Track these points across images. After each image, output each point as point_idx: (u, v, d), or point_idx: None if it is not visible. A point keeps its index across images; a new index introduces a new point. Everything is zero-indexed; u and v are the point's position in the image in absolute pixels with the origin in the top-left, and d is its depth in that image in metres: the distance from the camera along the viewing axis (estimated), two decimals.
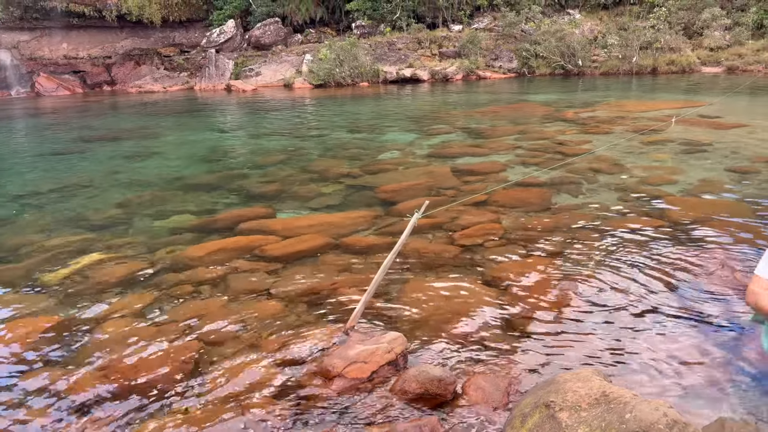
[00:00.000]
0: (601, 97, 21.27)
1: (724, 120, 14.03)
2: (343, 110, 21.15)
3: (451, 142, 13.05)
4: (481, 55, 33.11)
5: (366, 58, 32.02)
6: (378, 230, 7.12)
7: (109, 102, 28.37)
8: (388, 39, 34.61)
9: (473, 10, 36.43)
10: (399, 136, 14.41)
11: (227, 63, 33.95)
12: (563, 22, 33.75)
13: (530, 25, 33.83)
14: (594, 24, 35.01)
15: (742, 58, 29.67)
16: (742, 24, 31.87)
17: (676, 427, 2.21)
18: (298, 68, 33.07)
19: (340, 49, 31.46)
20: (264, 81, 32.85)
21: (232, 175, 10.60)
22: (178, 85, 33.99)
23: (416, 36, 34.72)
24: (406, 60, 33.24)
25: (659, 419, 2.23)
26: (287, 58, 34.32)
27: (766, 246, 5.96)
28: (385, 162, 11.18)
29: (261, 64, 34.17)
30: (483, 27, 35.24)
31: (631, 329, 4.50)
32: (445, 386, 3.61)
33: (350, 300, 5.10)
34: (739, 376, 3.83)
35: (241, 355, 4.31)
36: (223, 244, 6.74)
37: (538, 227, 6.96)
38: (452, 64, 32.61)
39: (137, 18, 35.68)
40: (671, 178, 8.98)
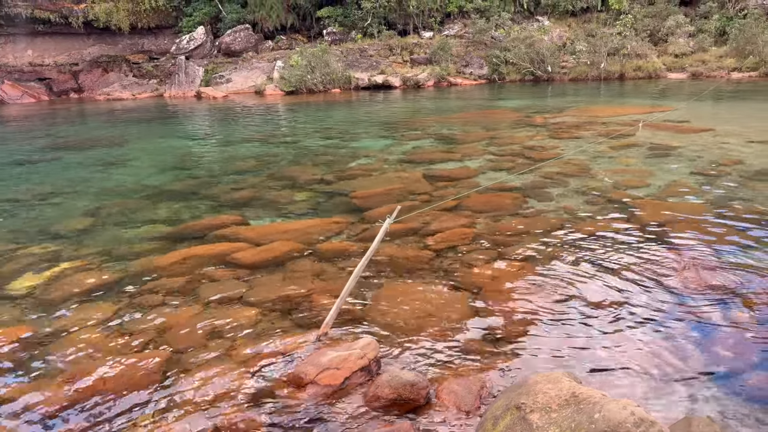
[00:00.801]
0: (570, 102, 21.57)
1: (689, 124, 14.32)
2: (315, 117, 21.11)
3: (423, 148, 13.10)
4: (451, 61, 33.37)
5: (337, 64, 32.05)
6: (351, 236, 7.11)
7: (76, 109, 27.92)
8: (359, 46, 34.70)
9: (443, 17, 36.73)
10: (372, 143, 14.43)
11: (197, 70, 33.68)
12: (532, 29, 34.20)
13: (500, 31, 34.21)
14: (562, 30, 35.55)
15: (706, 64, 30.39)
16: (705, 31, 32.65)
17: (643, 425, 2.24)
18: (269, 75, 32.95)
19: (312, 56, 31.44)
20: (235, 88, 32.65)
21: (203, 183, 10.49)
22: (148, 92, 33.63)
23: (387, 43, 34.87)
24: (377, 66, 33.34)
25: (627, 418, 2.26)
26: (258, 64, 34.18)
27: (731, 247, 6.11)
28: (358, 168, 11.18)
29: (231, 70, 33.98)
30: (453, 34, 35.55)
31: (601, 330, 4.56)
32: (418, 391, 3.61)
33: (323, 306, 5.08)
34: (705, 374, 3.90)
35: (212, 364, 4.26)
36: (194, 252, 6.66)
37: (509, 231, 7.01)
38: (423, 71, 32.80)
39: (104, 24, 35.25)
40: (639, 181, 9.13)
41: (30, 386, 4.04)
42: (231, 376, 4.07)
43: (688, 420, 2.82)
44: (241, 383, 3.99)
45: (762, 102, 19.51)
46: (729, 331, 4.44)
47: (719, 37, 32.27)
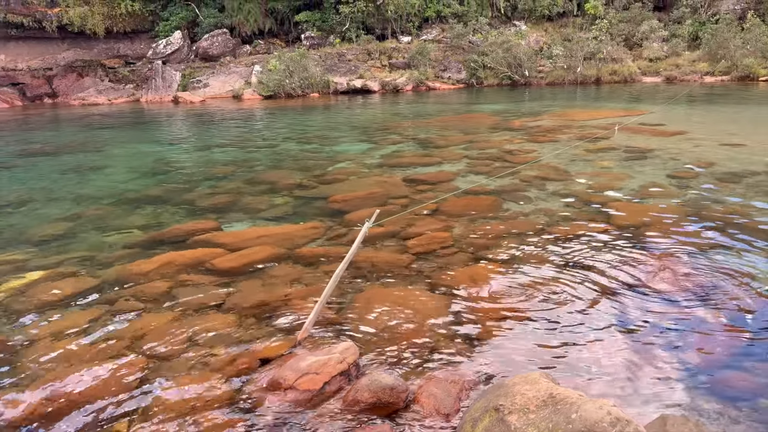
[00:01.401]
0: (548, 106, 21.77)
1: (664, 128, 14.53)
2: (294, 121, 21.05)
3: (402, 152, 13.13)
4: (430, 66, 33.52)
5: (316, 69, 32.01)
6: (330, 240, 7.10)
7: (50, 115, 27.52)
8: (337, 50, 34.70)
9: (422, 22, 36.89)
10: (350, 147, 14.42)
11: (174, 74, 33.41)
12: (510, 34, 34.50)
13: (477, 36, 34.44)
14: (539, 35, 35.91)
15: (680, 68, 30.89)
16: (678, 36, 33.20)
17: (619, 424, 2.26)
18: (247, 79, 32.80)
19: (290, 60, 31.37)
20: (212, 92, 32.45)
21: (180, 188, 10.40)
22: (124, 97, 33.27)
23: (366, 47, 34.92)
24: (356, 71, 33.37)
25: (603, 417, 2.28)
26: (236, 69, 34.01)
27: (705, 248, 6.20)
28: (337, 172, 11.17)
29: (209, 75, 33.76)
30: (432, 38, 35.71)
31: (579, 331, 4.60)
32: (397, 394, 3.61)
33: (302, 311, 5.05)
34: (681, 373, 3.95)
35: (190, 371, 4.21)
36: (171, 258, 6.59)
37: (487, 234, 7.05)
38: (402, 75, 32.89)
39: (79, 29, 34.81)
40: (616, 184, 9.23)
41: (2, 395, 3.96)
42: (209, 383, 4.03)
43: (663, 418, 2.85)
44: (219, 390, 3.95)
45: (734, 105, 19.87)
46: (703, 331, 4.50)
47: (692, 42, 32.85)
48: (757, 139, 12.50)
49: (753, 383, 3.79)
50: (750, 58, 28.53)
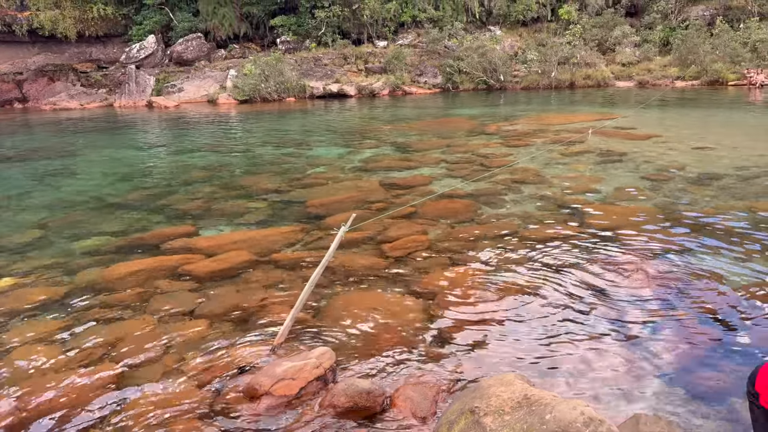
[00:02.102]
0: (523, 110, 21.97)
1: (637, 131, 14.75)
2: (270, 125, 20.96)
3: (379, 156, 13.14)
4: (406, 70, 33.63)
5: (292, 73, 31.93)
6: (306, 245, 7.07)
7: (20, 120, 27.05)
8: (314, 54, 34.66)
9: (397, 27, 37.01)
10: (327, 151, 14.40)
11: (148, 79, 33.08)
12: (485, 39, 34.76)
13: (453, 41, 34.65)
14: (514, 40, 36.25)
15: (651, 72, 31.41)
16: (650, 41, 33.77)
17: (592, 424, 2.29)
18: (222, 84, 32.60)
19: (266, 65, 31.25)
20: (187, 97, 32.18)
21: (154, 194, 10.29)
22: (97, 102, 32.83)
23: (342, 52, 34.93)
24: (332, 75, 33.35)
25: (577, 418, 2.31)
26: (211, 73, 33.78)
27: (677, 249, 6.31)
28: (314, 177, 11.14)
29: (184, 79, 33.49)
30: (407, 43, 35.85)
31: (554, 332, 4.64)
32: (373, 398, 3.60)
33: (278, 317, 5.03)
34: (654, 373, 4.01)
35: (165, 378, 4.17)
36: (146, 264, 6.51)
37: (464, 238, 7.09)
38: (378, 80, 32.96)
39: (50, 33, 34.31)
40: (590, 186, 9.35)
41: None
42: (184, 390, 3.99)
43: (636, 417, 2.89)
44: (195, 397, 3.91)
45: (704, 109, 20.25)
46: (675, 331, 4.58)
47: (663, 47, 33.43)
48: (726, 143, 12.75)
49: (723, 382, 3.85)
50: (719, 63, 29.10)
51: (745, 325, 4.66)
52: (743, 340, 4.41)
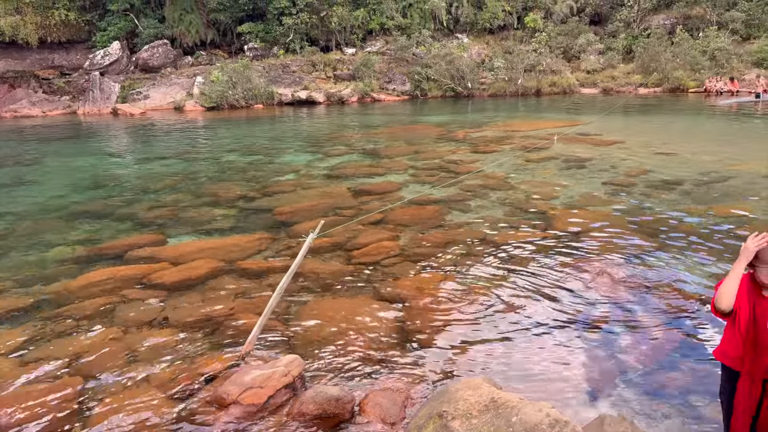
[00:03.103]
0: (490, 117, 22.19)
1: (601, 137, 15.01)
2: (238, 133, 20.80)
3: (348, 163, 13.14)
4: (375, 77, 33.71)
5: (260, 80, 31.75)
6: (275, 252, 7.03)
7: None
8: (282, 61, 34.51)
9: (366, 34, 37.08)
10: (296, 158, 14.34)
11: (113, 86, 32.55)
12: (452, 46, 35.03)
13: (421, 48, 34.85)
14: (481, 48, 36.62)
15: (615, 80, 32.03)
16: (613, 49, 34.44)
17: (558, 425, 2.32)
18: (189, 91, 32.24)
19: (233, 71, 31.02)
20: (153, 104, 31.75)
21: (120, 202, 10.12)
22: (60, 110, 32.16)
23: (310, 59, 34.86)
24: (300, 82, 33.26)
25: (542, 420, 2.34)
26: (177, 80, 33.39)
27: (640, 252, 6.43)
28: (282, 184, 11.09)
29: (149, 86, 33.03)
30: (376, 50, 35.94)
31: (521, 336, 4.69)
32: (342, 405, 3.59)
33: (246, 325, 4.98)
34: (619, 375, 4.08)
35: (130, 389, 4.10)
36: (110, 274, 6.40)
37: (432, 243, 7.12)
38: (347, 87, 32.97)
39: (11, 39, 33.53)
40: (555, 192, 9.48)
41: None
42: (151, 401, 3.93)
43: (601, 418, 2.94)
44: (162, 407, 3.85)
45: (666, 115, 20.71)
46: (638, 333, 4.67)
47: (626, 55, 34.12)
48: (687, 148, 13.05)
49: (684, 381, 3.94)
50: (680, 71, 29.81)
51: (705, 325, 4.77)
52: (703, 341, 4.52)
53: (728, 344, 2.69)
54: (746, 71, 29.07)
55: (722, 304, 2.49)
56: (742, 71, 29.03)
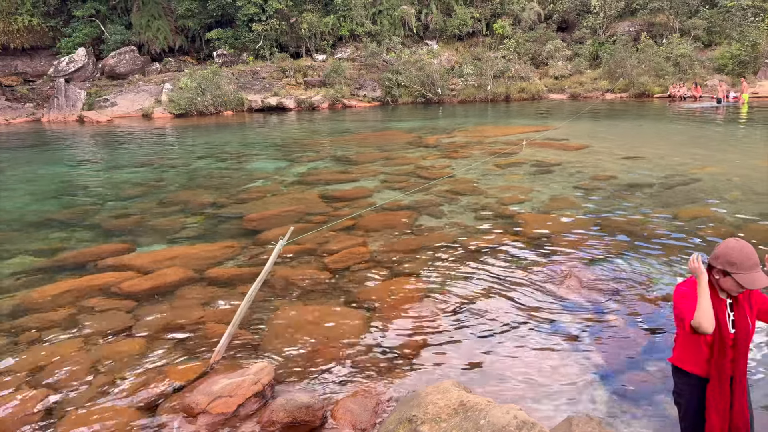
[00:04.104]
0: (460, 123, 22.35)
1: (569, 142, 15.22)
2: (207, 139, 20.61)
3: (319, 169, 13.11)
4: (345, 84, 33.74)
5: (229, 86, 31.55)
6: (244, 260, 6.97)
7: None
8: (251, 68, 34.34)
9: (336, 40, 37.11)
10: (266, 165, 14.26)
11: (79, 93, 32.02)
12: (422, 53, 35.26)
13: (391, 55, 35.00)
14: (451, 54, 36.90)
15: (583, 85, 32.53)
16: (580, 55, 35.01)
17: (525, 427, 2.34)
18: (157, 98, 31.88)
19: (202, 78, 30.77)
20: (120, 111, 31.32)
21: (85, 211, 9.94)
22: (23, 117, 31.52)
23: (280, 65, 34.75)
24: (270, 88, 33.12)
25: (510, 422, 2.36)
26: (145, 87, 32.99)
27: (607, 255, 6.53)
28: (252, 190, 11.01)
29: (117, 93, 32.58)
30: (346, 57, 35.98)
31: (491, 339, 4.72)
32: (313, 412, 3.57)
33: (215, 333, 4.92)
34: (587, 376, 4.13)
35: (97, 400, 4.02)
36: (76, 284, 6.28)
37: (403, 249, 7.13)
38: (318, 93, 32.94)
39: None
40: (524, 196, 9.58)
41: None
42: (118, 412, 3.86)
43: (569, 420, 2.97)
44: (129, 419, 3.79)
45: (632, 120, 21.09)
46: (606, 335, 4.73)
47: (593, 61, 34.71)
48: (653, 152, 13.30)
49: (650, 381, 4.01)
50: (645, 77, 30.41)
51: (670, 326, 4.85)
52: (669, 341, 4.60)
53: (686, 350, 2.71)
54: (708, 77, 29.79)
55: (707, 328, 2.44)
56: (704, 77, 29.74)
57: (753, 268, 2.49)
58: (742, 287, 2.52)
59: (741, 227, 7.32)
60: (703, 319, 2.44)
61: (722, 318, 2.58)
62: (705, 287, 2.49)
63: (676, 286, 2.71)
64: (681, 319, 2.59)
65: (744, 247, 2.53)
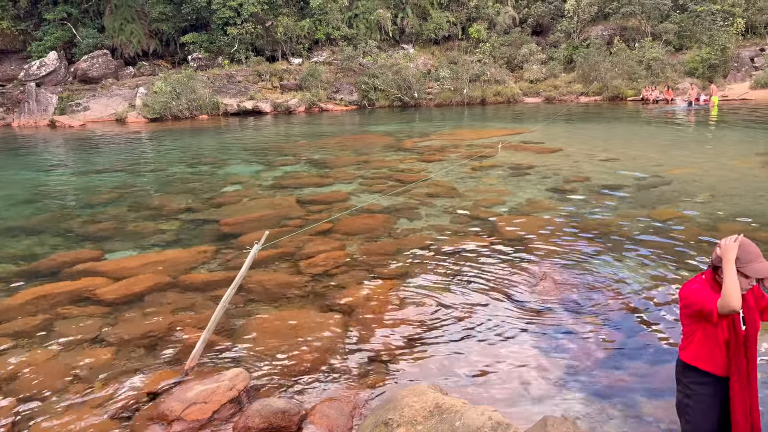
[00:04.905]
0: (437, 126, 22.44)
1: (544, 145, 15.36)
2: (182, 144, 20.42)
3: (296, 173, 13.06)
4: (322, 87, 33.68)
5: (204, 90, 31.31)
6: (219, 265, 6.91)
7: None
8: (227, 71, 34.12)
9: (312, 44, 37.04)
10: (242, 169, 14.17)
11: (50, 97, 31.52)
12: (398, 56, 35.36)
13: (367, 58, 35.03)
14: (427, 58, 37.05)
15: (557, 89, 32.89)
16: (555, 59, 35.38)
17: (500, 428, 2.35)
18: (131, 102, 31.52)
19: (177, 82, 30.49)
20: (93, 116, 30.89)
21: (57, 217, 9.78)
22: None
23: (256, 69, 34.58)
24: (246, 92, 32.94)
25: (485, 423, 2.36)
26: (119, 91, 32.59)
27: (582, 256, 6.59)
28: (228, 195, 10.93)
29: (89, 98, 32.12)
30: (322, 60, 35.92)
31: (467, 341, 4.73)
32: (289, 417, 3.54)
33: (190, 339, 4.86)
34: (562, 376, 4.15)
35: (69, 410, 3.94)
36: (47, 291, 6.16)
37: (381, 252, 7.13)
38: (294, 97, 32.84)
39: None
40: (500, 199, 9.63)
41: None
42: (91, 421, 3.79)
43: (544, 420, 2.98)
44: (103, 429, 3.72)
45: (606, 123, 21.36)
46: (581, 335, 4.77)
47: (567, 65, 35.10)
48: (627, 154, 13.48)
49: (625, 381, 4.05)
50: (618, 80, 30.84)
51: (644, 326, 4.91)
52: (644, 341, 4.65)
53: (702, 348, 2.67)
54: (680, 80, 30.30)
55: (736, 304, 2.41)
56: (675, 80, 30.25)
57: (757, 259, 2.52)
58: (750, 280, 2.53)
59: (712, 227, 7.45)
60: (731, 297, 2.40)
61: (735, 314, 2.56)
62: (729, 268, 2.47)
63: (684, 286, 2.71)
64: (700, 312, 2.57)
65: (744, 241, 2.55)
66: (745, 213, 8.09)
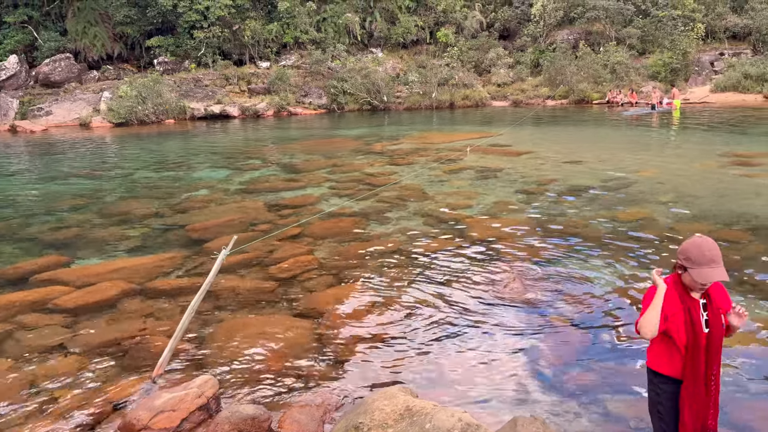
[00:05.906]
0: (406, 130, 22.50)
1: (512, 148, 15.51)
2: (148, 148, 20.12)
3: (264, 177, 12.97)
4: (290, 91, 33.52)
5: (171, 94, 30.93)
6: (187, 271, 6.81)
7: None
8: (193, 75, 33.76)
9: (280, 48, 36.86)
10: (210, 173, 14.01)
11: (10, 102, 30.81)
12: (367, 60, 35.39)
13: (336, 62, 34.99)
14: (395, 62, 37.16)
15: (525, 92, 33.27)
16: (522, 63, 35.80)
17: (470, 429, 2.35)
18: (95, 106, 30.96)
19: (142, 86, 30.06)
20: (56, 120, 30.27)
21: (18, 224, 9.54)
22: None
23: (223, 72, 34.28)
24: (214, 96, 32.63)
25: (455, 425, 2.37)
26: (82, 95, 31.99)
27: (550, 257, 6.66)
28: (196, 200, 10.79)
29: (52, 102, 31.47)
30: (291, 64, 35.76)
31: (438, 344, 4.74)
32: (259, 424, 3.50)
33: (157, 347, 4.78)
34: (532, 376, 4.19)
35: (30, 422, 3.84)
36: (9, 300, 6.00)
37: (350, 256, 7.11)
38: (262, 100, 32.62)
39: None
40: (469, 201, 9.69)
41: None
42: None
43: (514, 420, 3.00)
44: None
45: (572, 126, 21.67)
46: (550, 336, 4.82)
47: (534, 68, 35.53)
48: (593, 156, 13.69)
49: (593, 380, 4.10)
50: (584, 83, 31.33)
51: (612, 325, 4.99)
52: (611, 340, 4.72)
53: (660, 353, 2.70)
54: (643, 83, 30.90)
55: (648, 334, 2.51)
56: (639, 84, 30.84)
57: (708, 264, 2.50)
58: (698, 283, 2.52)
59: (675, 228, 7.60)
60: (644, 324, 2.48)
61: (696, 317, 2.56)
62: (660, 296, 2.51)
63: (650, 288, 2.71)
64: None
65: (703, 243, 2.54)
66: (708, 213, 8.28)
